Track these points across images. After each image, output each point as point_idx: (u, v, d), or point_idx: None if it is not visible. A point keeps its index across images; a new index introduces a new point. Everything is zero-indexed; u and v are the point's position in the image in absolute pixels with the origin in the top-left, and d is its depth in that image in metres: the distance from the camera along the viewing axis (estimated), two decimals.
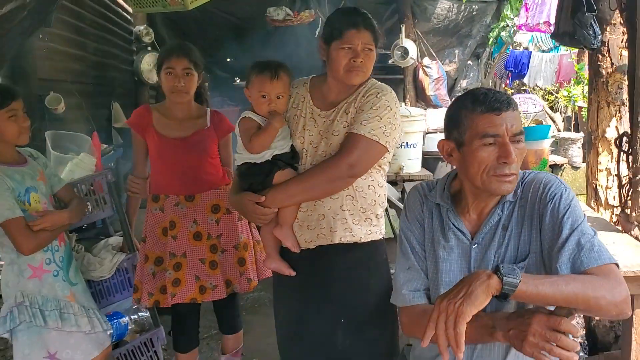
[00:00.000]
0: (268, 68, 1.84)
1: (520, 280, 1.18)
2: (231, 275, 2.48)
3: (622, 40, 2.80)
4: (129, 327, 2.82)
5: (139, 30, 5.24)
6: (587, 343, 3.10)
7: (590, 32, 2.30)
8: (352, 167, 1.76)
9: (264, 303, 3.93)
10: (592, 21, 2.27)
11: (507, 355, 1.40)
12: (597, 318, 3.01)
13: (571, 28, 2.37)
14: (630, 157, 2.26)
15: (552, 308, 1.27)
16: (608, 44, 2.80)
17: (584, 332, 3.15)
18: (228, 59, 6.07)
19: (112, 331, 2.58)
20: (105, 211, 2.64)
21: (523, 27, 7.64)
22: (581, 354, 3.03)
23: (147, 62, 5.24)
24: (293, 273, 1.90)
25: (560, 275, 1.27)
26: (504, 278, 1.18)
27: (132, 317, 2.86)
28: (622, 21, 2.22)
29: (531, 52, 9.59)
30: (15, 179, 2.15)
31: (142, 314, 2.90)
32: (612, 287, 1.23)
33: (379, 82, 1.90)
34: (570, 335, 1.21)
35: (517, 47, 10.53)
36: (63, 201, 2.40)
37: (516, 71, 9.35)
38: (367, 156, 1.79)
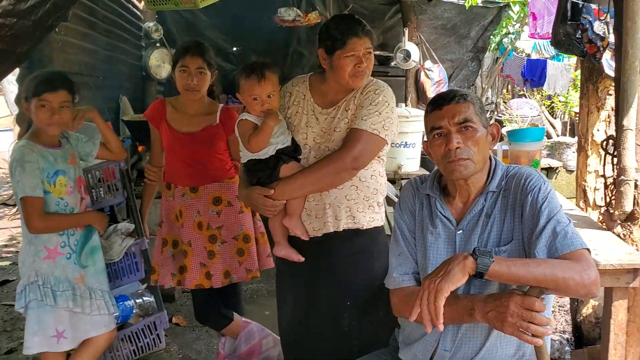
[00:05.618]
0: (254, 71, 1.90)
1: (493, 261, 1.33)
2: (230, 265, 2.56)
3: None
4: (134, 311, 2.89)
5: (149, 27, 5.29)
6: (573, 339, 3.18)
7: (578, 40, 2.41)
8: (355, 159, 1.88)
9: (263, 294, 4.03)
10: (580, 30, 2.38)
11: (489, 334, 1.53)
12: (583, 314, 3.12)
13: (562, 36, 2.49)
14: (615, 158, 2.38)
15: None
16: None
17: (570, 328, 3.25)
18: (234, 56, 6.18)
19: (117, 313, 2.70)
20: (116, 197, 2.72)
21: (536, 35, 7.78)
22: (567, 348, 3.14)
23: (156, 58, 5.32)
24: (302, 259, 2.00)
25: (533, 259, 1.41)
26: (478, 259, 1.34)
27: (137, 301, 2.91)
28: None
29: (546, 60, 9.69)
30: (48, 160, 2.26)
31: (147, 298, 2.97)
32: (582, 269, 1.36)
33: (376, 79, 2.00)
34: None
35: (520, 54, 10.62)
36: (105, 159, 2.59)
37: (535, 80, 9.46)
38: (369, 149, 1.91)
